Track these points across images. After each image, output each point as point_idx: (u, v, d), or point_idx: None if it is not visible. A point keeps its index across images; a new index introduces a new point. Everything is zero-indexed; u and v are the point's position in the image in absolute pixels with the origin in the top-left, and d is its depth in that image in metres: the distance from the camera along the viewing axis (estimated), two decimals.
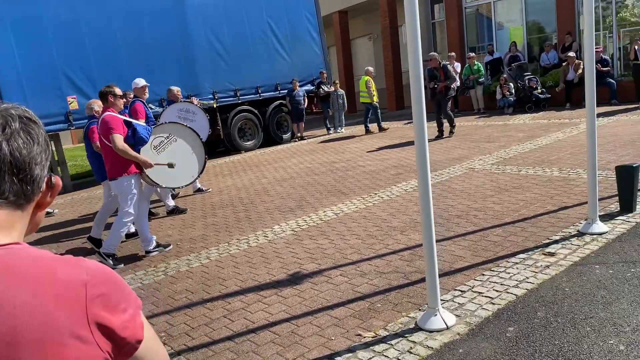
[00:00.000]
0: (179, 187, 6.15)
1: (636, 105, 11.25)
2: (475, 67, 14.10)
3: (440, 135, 11.02)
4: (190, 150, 5.72)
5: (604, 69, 12.30)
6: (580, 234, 4.42)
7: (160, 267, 5.15)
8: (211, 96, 12.68)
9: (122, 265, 5.41)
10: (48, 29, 10.10)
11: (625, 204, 4.84)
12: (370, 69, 13.67)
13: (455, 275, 3.95)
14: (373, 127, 13.47)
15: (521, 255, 4.14)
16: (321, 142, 13.11)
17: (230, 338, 3.47)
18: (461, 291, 3.66)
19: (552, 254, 4.08)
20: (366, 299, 3.75)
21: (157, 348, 0.98)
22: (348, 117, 17.34)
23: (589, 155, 4.46)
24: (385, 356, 2.98)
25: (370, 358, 2.98)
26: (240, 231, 6.02)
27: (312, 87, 14.47)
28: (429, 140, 10.83)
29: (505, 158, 7.93)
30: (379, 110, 13.45)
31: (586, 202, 4.69)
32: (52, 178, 0.95)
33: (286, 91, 13.68)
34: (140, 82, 7.02)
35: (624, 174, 4.80)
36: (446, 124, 11.13)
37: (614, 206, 4.98)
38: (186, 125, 5.89)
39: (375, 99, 13.30)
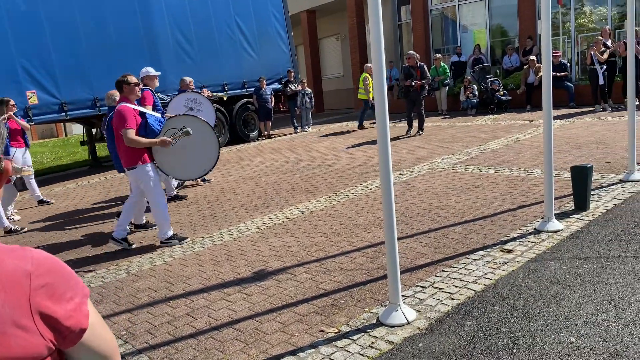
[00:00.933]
0: (189, 180, 6.11)
1: (592, 108, 11.68)
2: (441, 69, 14.35)
3: (409, 130, 11.37)
4: (204, 143, 5.62)
5: (562, 73, 12.72)
6: (536, 232, 4.57)
7: (122, 265, 5.07)
8: (221, 88, 12.68)
9: (188, 238, 5.57)
10: (5, 21, 9.78)
11: (579, 202, 5.03)
12: (370, 65, 13.83)
13: (416, 271, 4.03)
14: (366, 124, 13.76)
15: (480, 252, 4.26)
16: (289, 140, 13.12)
17: (193, 335, 3.46)
18: (422, 287, 3.74)
19: (509, 251, 4.21)
20: (330, 296, 3.80)
21: (104, 335, 0.99)
22: (316, 117, 17.40)
23: (545, 156, 4.62)
24: (347, 351, 3.02)
25: (332, 353, 3.02)
26: (205, 229, 5.98)
27: (279, 86, 14.46)
28: (401, 137, 11.17)
29: (468, 158, 8.12)
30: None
31: (543, 201, 4.85)
32: (2, 163, 0.96)
33: (253, 89, 13.62)
34: (151, 71, 6.98)
35: (579, 174, 4.99)
36: (415, 123, 11.43)
37: (569, 205, 5.18)
38: (201, 119, 5.82)
39: (372, 95, 13.49)
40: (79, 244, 6.00)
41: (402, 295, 3.47)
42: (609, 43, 11.57)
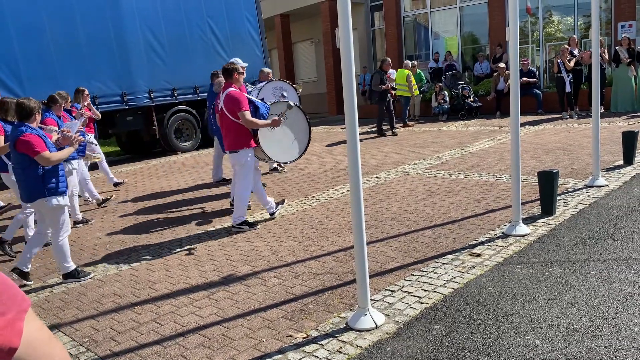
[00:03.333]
0: (286, 162, 6.50)
1: (560, 115, 11.95)
2: (417, 76, 14.47)
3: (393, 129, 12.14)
4: (299, 128, 6.06)
5: (531, 80, 12.98)
6: (504, 236, 4.63)
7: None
8: (192, 90, 12.54)
9: (258, 225, 5.76)
10: None
11: (545, 207, 5.12)
12: (409, 62, 13.99)
13: (386, 275, 4.03)
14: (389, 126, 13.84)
15: (449, 256, 4.29)
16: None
17: (159, 342, 3.38)
18: (391, 291, 3.74)
19: (477, 255, 4.25)
20: (299, 300, 3.76)
21: (50, 353, 0.89)
22: None
23: (513, 161, 4.69)
24: (315, 356, 2.99)
25: (301, 359, 2.99)
26: (174, 234, 5.88)
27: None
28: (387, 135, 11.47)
29: (438, 163, 8.20)
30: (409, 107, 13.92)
31: (511, 206, 4.92)
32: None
33: None
34: (240, 62, 6.63)
35: (545, 179, 5.08)
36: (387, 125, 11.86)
37: (537, 209, 5.26)
38: (298, 106, 6.14)
39: (416, 92, 13.74)
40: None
41: (371, 300, 3.46)
42: (575, 52, 11.87)
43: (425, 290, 3.69)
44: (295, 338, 3.23)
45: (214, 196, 7.58)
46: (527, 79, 12.77)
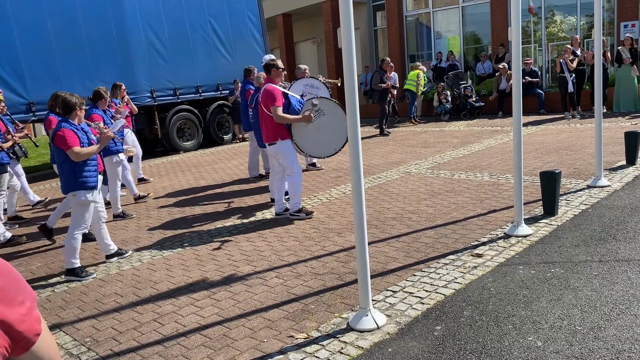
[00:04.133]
0: (320, 157, 6.54)
1: (562, 115, 11.92)
2: (423, 79, 14.46)
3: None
4: (336, 124, 6.00)
5: (534, 80, 12.96)
6: (506, 236, 4.62)
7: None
8: (195, 90, 12.56)
9: (314, 213, 5.97)
10: None
11: (548, 207, 5.11)
12: (419, 64, 14.27)
13: (387, 275, 4.03)
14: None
15: (451, 257, 4.28)
16: None
17: (160, 342, 3.37)
18: (393, 291, 3.74)
19: (479, 255, 4.24)
20: (300, 301, 3.76)
21: (51, 342, 0.96)
22: None
23: (515, 161, 4.67)
24: (317, 357, 2.99)
25: (302, 359, 2.98)
26: (175, 233, 5.88)
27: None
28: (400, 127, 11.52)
29: (440, 163, 8.19)
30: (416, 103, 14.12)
31: (513, 206, 4.91)
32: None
33: (228, 92, 13.51)
34: (270, 57, 6.78)
35: (547, 179, 5.06)
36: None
37: (539, 210, 5.25)
38: (335, 102, 6.20)
39: (422, 89, 14.04)
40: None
41: (373, 300, 3.45)
42: (578, 52, 11.84)
43: (426, 291, 3.68)
44: (297, 338, 3.22)
45: (216, 196, 7.58)
46: (530, 79, 12.75)
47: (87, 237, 5.71)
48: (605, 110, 11.29)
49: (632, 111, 11.53)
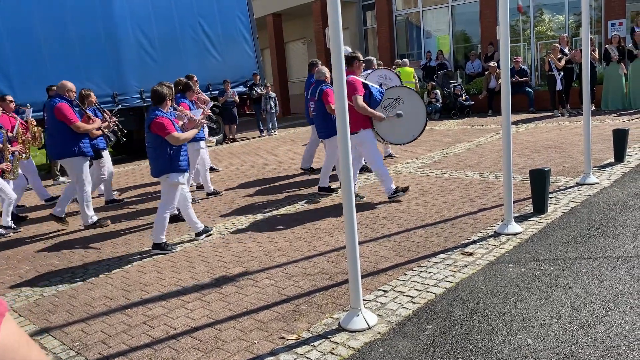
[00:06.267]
0: (397, 144, 6.75)
1: (551, 113, 12.00)
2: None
3: None
4: (414, 112, 6.23)
5: (522, 78, 13.03)
6: (496, 235, 4.63)
7: (77, 272, 4.90)
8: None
9: (409, 188, 6.32)
10: None
11: (537, 205, 5.13)
12: (407, 60, 14.07)
13: (378, 275, 4.02)
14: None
15: (441, 255, 4.28)
16: (254, 144, 13.00)
17: (150, 345, 3.35)
18: (384, 291, 3.73)
19: (470, 254, 4.25)
20: (291, 302, 3.75)
21: (27, 356, 0.87)
22: (282, 120, 17.35)
23: (504, 160, 4.69)
24: (308, 358, 2.98)
25: None
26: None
27: (244, 89, 14.33)
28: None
29: (430, 162, 8.20)
30: None
31: (503, 204, 4.92)
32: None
33: (218, 92, 13.46)
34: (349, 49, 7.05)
35: (537, 177, 5.09)
36: None
37: (529, 208, 5.27)
38: (413, 90, 6.48)
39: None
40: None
41: (364, 300, 3.45)
42: (566, 50, 11.92)
43: (417, 290, 3.68)
44: (288, 339, 3.21)
45: (206, 198, 7.54)
46: (519, 78, 12.81)
47: (177, 217, 6.05)
48: (593, 108, 11.38)
49: (620, 109, 11.63)
